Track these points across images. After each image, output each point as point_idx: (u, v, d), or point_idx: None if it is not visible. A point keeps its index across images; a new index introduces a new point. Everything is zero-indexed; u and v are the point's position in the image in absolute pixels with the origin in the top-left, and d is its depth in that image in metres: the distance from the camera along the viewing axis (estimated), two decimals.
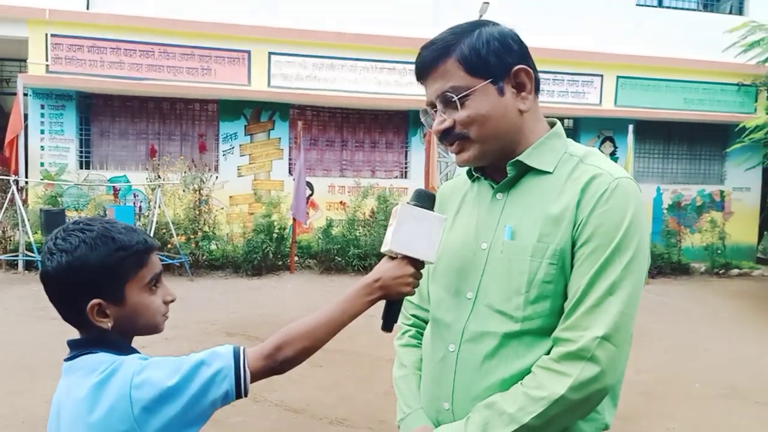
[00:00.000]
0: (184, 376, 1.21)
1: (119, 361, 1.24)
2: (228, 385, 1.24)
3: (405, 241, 1.35)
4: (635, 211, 1.30)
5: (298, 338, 1.31)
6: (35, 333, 6.16)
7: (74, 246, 1.26)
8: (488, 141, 1.39)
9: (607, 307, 1.26)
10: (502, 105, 1.37)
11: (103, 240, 1.27)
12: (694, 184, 14.48)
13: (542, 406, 1.24)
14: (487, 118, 1.36)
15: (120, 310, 1.29)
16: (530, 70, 1.39)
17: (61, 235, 1.29)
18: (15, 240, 10.29)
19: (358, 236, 11.31)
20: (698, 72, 14.11)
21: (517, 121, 1.40)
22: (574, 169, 1.37)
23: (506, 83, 1.37)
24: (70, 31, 11.66)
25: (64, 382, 1.29)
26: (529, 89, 1.40)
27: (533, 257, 1.32)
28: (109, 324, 1.29)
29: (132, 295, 1.30)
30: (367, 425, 4.45)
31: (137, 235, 1.33)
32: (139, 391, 1.18)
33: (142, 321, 1.33)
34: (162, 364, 1.24)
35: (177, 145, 12.49)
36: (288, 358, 1.30)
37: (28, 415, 4.32)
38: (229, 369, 1.24)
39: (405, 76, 12.90)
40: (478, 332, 1.37)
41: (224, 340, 6.51)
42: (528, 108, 1.40)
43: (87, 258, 1.25)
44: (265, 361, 1.29)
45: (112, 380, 1.20)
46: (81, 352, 1.29)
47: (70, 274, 1.25)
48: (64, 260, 1.25)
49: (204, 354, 1.27)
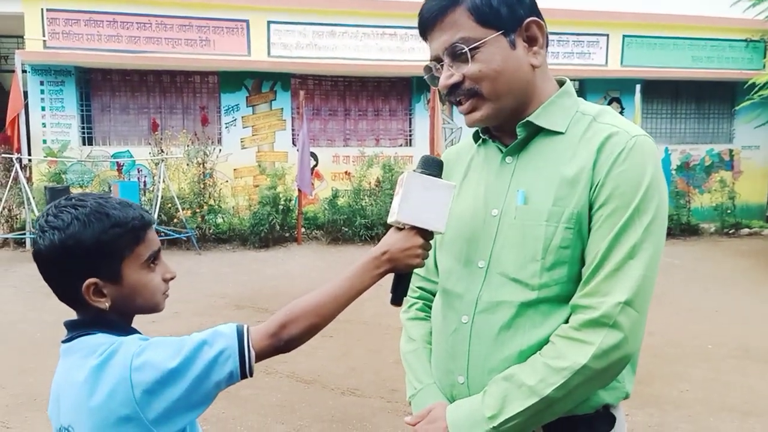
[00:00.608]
0: (186, 357, 1.16)
1: (118, 342, 1.19)
2: (232, 365, 1.19)
3: (413, 211, 1.29)
4: (654, 170, 1.24)
5: (303, 315, 1.25)
6: (44, 311, 6.18)
7: (66, 223, 1.19)
8: (501, 98, 1.31)
9: (628, 270, 1.20)
10: (514, 59, 1.29)
11: (96, 216, 1.21)
12: (703, 144, 14.32)
13: (564, 376, 1.19)
14: (500, 72, 1.29)
15: (117, 289, 1.24)
16: (542, 23, 1.32)
17: (53, 211, 1.22)
18: (21, 218, 10.30)
19: (364, 206, 11.25)
20: (706, 29, 13.86)
21: (530, 77, 1.32)
22: (588, 128, 1.30)
23: (518, 36, 1.30)
24: (65, 5, 11.50)
25: (63, 365, 1.25)
26: (541, 43, 1.32)
27: (548, 222, 1.26)
28: (106, 304, 1.23)
29: (129, 273, 1.24)
30: (379, 394, 4.44)
31: (133, 211, 1.26)
32: (139, 373, 1.14)
33: (141, 300, 1.28)
34: (163, 345, 1.19)
35: (179, 118, 12.39)
36: (293, 336, 1.24)
37: (39, 393, 4.33)
38: (232, 349, 1.19)
39: (407, 42, 12.71)
40: (492, 302, 1.31)
41: (233, 313, 6.51)
42: (540, 63, 1.33)
43: (80, 235, 1.19)
44: (270, 340, 1.23)
45: (111, 362, 1.16)
46: (79, 333, 1.24)
47: (64, 253, 1.19)
48: (57, 238, 1.19)
49: (206, 334, 1.21)
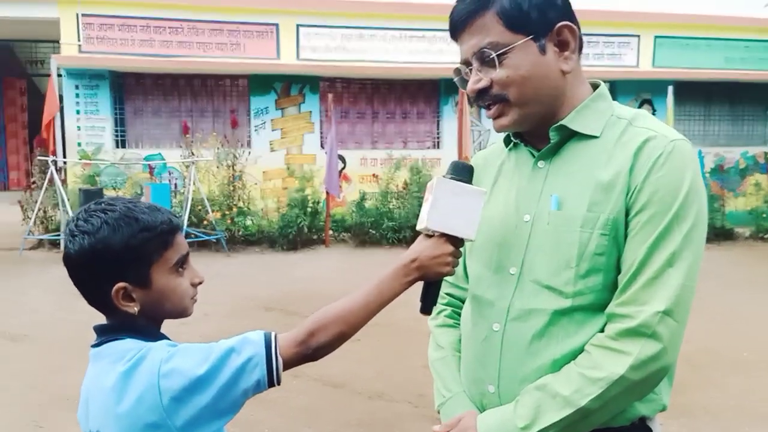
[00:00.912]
0: (214, 365, 1.16)
1: (146, 348, 1.19)
2: (259, 373, 1.18)
3: (442, 218, 1.26)
4: (694, 175, 1.21)
5: (332, 323, 1.24)
6: (78, 311, 6.25)
7: (96, 227, 1.21)
8: (529, 104, 1.29)
9: (667, 279, 1.17)
10: (543, 64, 1.27)
11: (126, 221, 1.22)
12: (737, 146, 14.02)
13: (600, 387, 1.16)
14: (528, 78, 1.26)
15: (146, 293, 1.24)
16: (574, 27, 1.29)
17: (83, 216, 1.24)
18: (56, 220, 10.49)
19: (391, 209, 11.25)
20: (739, 29, 13.59)
21: (560, 83, 1.30)
22: (623, 132, 1.27)
23: (548, 41, 1.27)
24: (100, 11, 11.71)
25: (92, 370, 1.26)
26: (573, 48, 1.29)
27: (583, 228, 1.23)
28: (135, 308, 1.24)
29: (158, 277, 1.25)
30: (407, 399, 4.42)
31: (161, 215, 1.27)
32: (167, 380, 1.14)
33: (170, 305, 1.28)
34: (191, 352, 1.19)
35: (209, 121, 12.52)
36: (322, 344, 1.23)
37: (71, 393, 4.38)
38: (260, 356, 1.19)
39: (435, 44, 12.68)
40: (525, 310, 1.29)
41: (262, 315, 6.55)
42: (571, 69, 1.30)
43: (110, 240, 1.20)
44: (299, 348, 1.22)
45: (139, 369, 1.16)
46: (108, 338, 1.25)
47: (93, 257, 1.20)
48: (87, 242, 1.20)
49: (234, 341, 1.21)
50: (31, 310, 6.69)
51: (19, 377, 4.76)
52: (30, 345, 5.55)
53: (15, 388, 4.56)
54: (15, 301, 7.10)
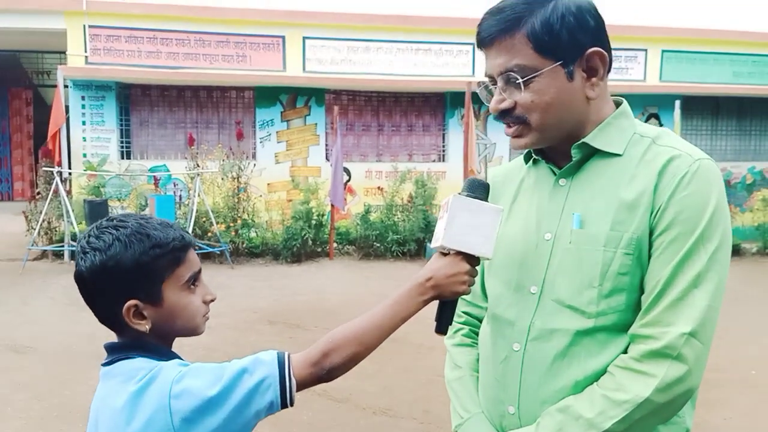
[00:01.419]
0: (226, 386, 1.14)
1: (158, 368, 1.17)
2: (272, 394, 1.16)
3: (458, 236, 1.24)
4: (719, 195, 1.19)
5: (346, 343, 1.21)
6: (82, 323, 6.24)
7: (108, 244, 1.19)
8: (549, 129, 1.27)
9: (692, 300, 1.15)
10: (569, 92, 1.24)
11: (137, 237, 1.20)
12: (744, 161, 13.98)
13: (625, 410, 1.14)
14: (551, 105, 1.24)
15: (157, 311, 1.23)
16: (605, 53, 1.25)
17: (95, 232, 1.23)
18: (60, 230, 10.48)
19: (396, 222, 11.22)
20: (747, 44, 13.59)
21: (583, 109, 1.27)
22: (647, 150, 1.25)
23: (577, 67, 1.24)
24: (107, 22, 11.77)
25: (102, 389, 1.23)
26: (601, 75, 1.26)
27: (606, 247, 1.21)
28: (146, 326, 1.22)
29: (170, 295, 1.23)
30: (412, 415, 4.37)
31: (173, 232, 1.25)
32: (178, 401, 1.12)
33: (181, 322, 1.27)
34: (202, 372, 1.16)
35: (215, 133, 12.54)
36: (336, 365, 1.21)
37: (75, 406, 4.36)
38: (273, 378, 1.16)
39: (441, 57, 12.69)
40: (546, 329, 1.26)
41: (266, 328, 6.51)
42: (596, 96, 1.27)
43: (121, 256, 1.19)
44: (312, 369, 1.20)
45: (150, 389, 1.14)
46: (118, 356, 1.23)
47: (105, 274, 1.19)
48: (98, 259, 1.19)
49: (247, 361, 1.19)
50: (34, 322, 6.66)
51: (22, 389, 4.72)
52: (33, 356, 5.51)
53: (19, 400, 4.52)
54: (18, 312, 7.08)
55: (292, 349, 4.56)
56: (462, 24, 12.46)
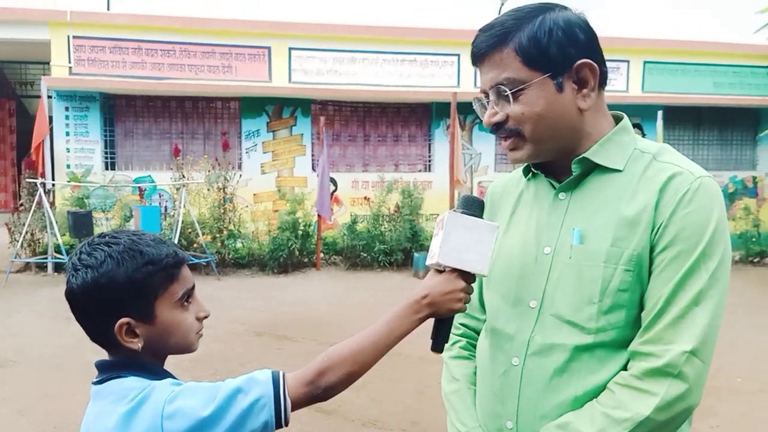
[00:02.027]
0: (220, 406, 1.12)
1: (150, 387, 1.15)
2: (267, 414, 1.15)
3: (454, 253, 1.24)
4: (720, 214, 1.20)
5: (341, 362, 1.20)
6: (66, 335, 6.17)
7: (100, 261, 1.18)
8: (543, 140, 1.28)
9: (693, 318, 1.15)
10: (559, 103, 1.25)
11: (130, 254, 1.19)
12: (726, 171, 14.14)
13: (625, 428, 1.14)
14: (542, 116, 1.25)
15: (150, 329, 1.21)
16: (595, 65, 1.26)
17: (86, 249, 1.21)
18: (44, 242, 10.37)
19: (383, 232, 11.22)
20: (727, 55, 13.78)
21: (576, 121, 1.28)
22: (648, 167, 1.26)
23: (566, 78, 1.25)
24: (91, 33, 11.70)
25: (93, 408, 1.21)
26: (592, 86, 1.27)
27: (607, 263, 1.21)
28: (139, 344, 1.20)
29: (162, 312, 1.22)
30: (400, 426, 4.36)
31: (166, 248, 1.24)
32: (171, 421, 1.10)
33: (174, 340, 1.25)
34: (196, 392, 1.15)
35: (200, 143, 12.49)
36: (332, 384, 1.20)
37: (60, 419, 4.30)
38: (268, 397, 1.15)
39: (426, 68, 12.75)
40: (545, 345, 1.26)
41: (253, 339, 6.47)
42: (588, 107, 1.28)
43: (114, 274, 1.17)
44: (307, 388, 1.19)
45: (142, 409, 1.12)
46: (110, 375, 1.21)
47: (97, 292, 1.17)
48: (90, 277, 1.17)
49: (241, 380, 1.17)
50: (18, 334, 6.56)
51: (6, 403, 4.65)
52: (17, 370, 5.43)
53: (3, 414, 4.45)
54: (2, 324, 6.97)
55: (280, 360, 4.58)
56: (448, 35, 12.54)
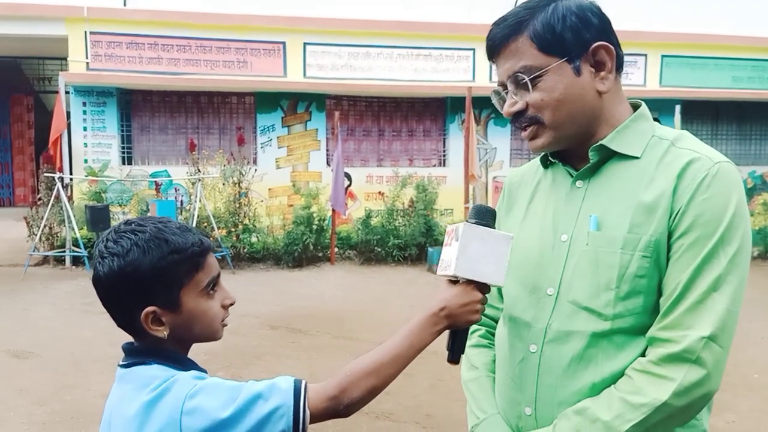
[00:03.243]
0: (240, 409, 1.12)
1: (172, 379, 1.16)
2: (285, 424, 1.13)
3: (471, 265, 1.23)
4: (739, 199, 1.19)
5: (363, 377, 1.19)
6: (83, 328, 6.24)
7: (126, 249, 1.18)
8: (563, 126, 1.27)
9: (712, 304, 1.14)
10: (578, 86, 1.25)
11: (156, 242, 1.19)
12: (745, 166, 13.98)
13: (643, 413, 1.13)
14: (562, 101, 1.25)
15: (176, 317, 1.21)
16: (611, 46, 1.26)
17: (113, 237, 1.21)
18: (62, 236, 10.48)
19: (397, 226, 11.22)
20: (747, 49, 13.62)
21: (596, 104, 1.28)
22: (666, 153, 1.25)
23: (583, 62, 1.25)
24: (108, 28, 11.80)
25: (117, 391, 1.23)
26: (609, 68, 1.27)
27: (624, 249, 1.20)
28: (164, 333, 1.21)
29: (188, 301, 1.22)
30: (414, 420, 4.37)
31: (192, 236, 1.23)
32: (190, 417, 1.10)
33: (199, 328, 1.25)
34: (217, 391, 1.14)
35: (216, 138, 12.56)
36: (354, 401, 1.18)
37: (77, 410, 4.36)
38: (288, 407, 1.14)
39: (441, 63, 12.71)
40: (563, 331, 1.26)
41: (268, 333, 6.50)
42: (608, 89, 1.27)
43: (140, 262, 1.17)
44: (329, 403, 1.17)
45: (163, 401, 1.13)
46: (135, 360, 1.22)
47: (123, 280, 1.18)
48: (116, 265, 1.17)
49: (263, 386, 1.16)
50: (36, 327, 6.64)
51: (25, 394, 4.71)
52: (36, 362, 5.50)
53: (21, 405, 4.51)
54: (20, 317, 7.06)
55: (294, 353, 4.60)
56: (462, 30, 12.49)
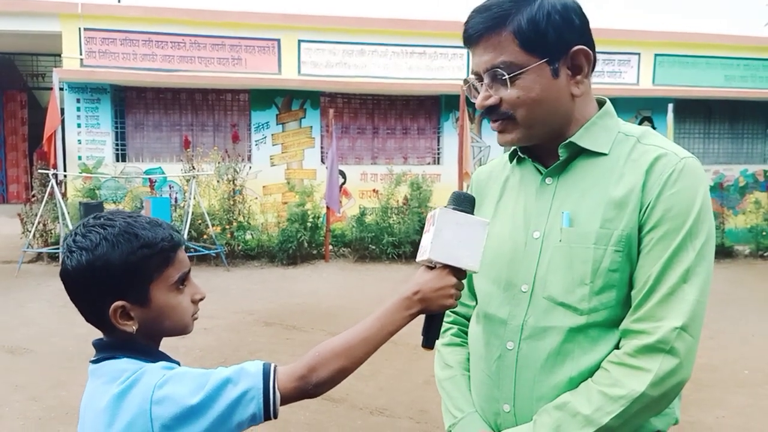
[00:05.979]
0: (209, 395, 1.12)
1: (141, 370, 1.15)
2: (255, 407, 1.14)
3: (446, 249, 1.23)
4: (704, 193, 1.23)
5: (333, 358, 1.20)
6: (77, 324, 6.24)
7: (95, 243, 1.16)
8: (535, 126, 1.29)
9: (682, 295, 1.18)
10: (555, 88, 1.27)
11: (125, 237, 1.17)
12: (737, 164, 14.07)
13: (622, 405, 1.16)
14: (537, 102, 1.26)
15: (145, 312, 1.20)
16: (590, 51, 1.28)
17: (81, 231, 1.19)
18: (56, 233, 10.47)
19: (391, 224, 11.25)
20: (739, 48, 13.69)
21: (569, 107, 1.30)
22: (633, 149, 1.28)
23: (562, 64, 1.26)
24: (102, 25, 11.78)
25: (89, 386, 1.22)
26: (586, 73, 1.29)
27: (597, 244, 1.23)
28: (133, 327, 1.20)
29: (158, 295, 1.21)
30: (408, 415, 4.40)
31: (162, 231, 1.22)
32: (159, 407, 1.10)
33: (169, 323, 1.24)
34: (186, 379, 1.14)
35: (210, 135, 12.55)
36: (322, 380, 1.19)
37: (72, 407, 4.37)
38: (257, 390, 1.15)
39: (436, 60, 12.74)
40: (539, 327, 1.28)
41: (262, 329, 6.53)
42: (581, 94, 1.30)
43: (108, 256, 1.15)
44: (298, 383, 1.19)
45: (132, 392, 1.12)
46: (105, 356, 1.21)
47: (91, 274, 1.16)
48: (84, 259, 1.16)
49: (231, 371, 1.17)
50: (30, 324, 6.66)
51: (19, 390, 4.73)
52: (30, 358, 5.52)
53: (16, 401, 4.52)
54: (14, 314, 7.07)
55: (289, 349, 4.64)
56: (457, 27, 12.37)
